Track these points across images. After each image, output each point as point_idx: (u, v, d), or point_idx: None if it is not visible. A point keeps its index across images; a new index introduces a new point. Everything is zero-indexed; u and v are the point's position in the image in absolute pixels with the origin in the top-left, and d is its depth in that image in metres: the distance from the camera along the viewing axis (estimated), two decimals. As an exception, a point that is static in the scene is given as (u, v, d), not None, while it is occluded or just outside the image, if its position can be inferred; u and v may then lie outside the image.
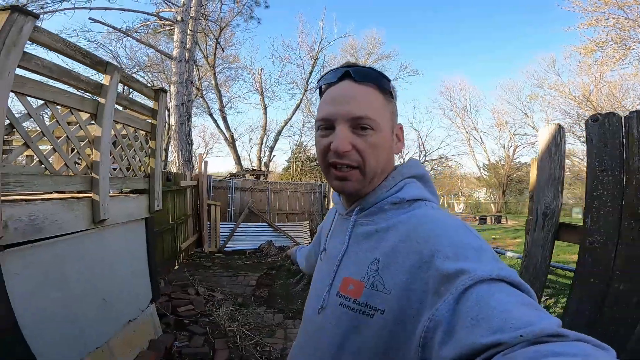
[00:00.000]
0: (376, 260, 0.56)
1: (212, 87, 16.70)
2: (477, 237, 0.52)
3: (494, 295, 0.41)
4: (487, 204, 25.47)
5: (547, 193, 1.55)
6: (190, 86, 8.53)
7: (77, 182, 1.92)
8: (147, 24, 10.02)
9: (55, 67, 1.76)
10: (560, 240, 1.56)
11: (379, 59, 22.10)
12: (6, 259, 1.51)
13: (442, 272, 0.47)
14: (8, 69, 1.42)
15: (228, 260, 6.89)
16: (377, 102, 0.61)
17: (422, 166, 0.70)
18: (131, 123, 2.60)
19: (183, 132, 8.12)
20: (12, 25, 1.43)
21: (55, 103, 1.75)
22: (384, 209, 0.62)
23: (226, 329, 3.40)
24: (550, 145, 1.56)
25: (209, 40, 14.38)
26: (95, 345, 2.14)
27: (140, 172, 2.81)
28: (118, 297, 2.49)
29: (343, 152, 0.59)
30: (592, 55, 11.56)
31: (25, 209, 1.56)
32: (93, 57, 2.11)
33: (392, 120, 0.64)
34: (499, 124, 25.09)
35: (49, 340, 1.76)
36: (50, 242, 1.76)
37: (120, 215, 2.44)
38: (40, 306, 1.73)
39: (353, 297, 0.57)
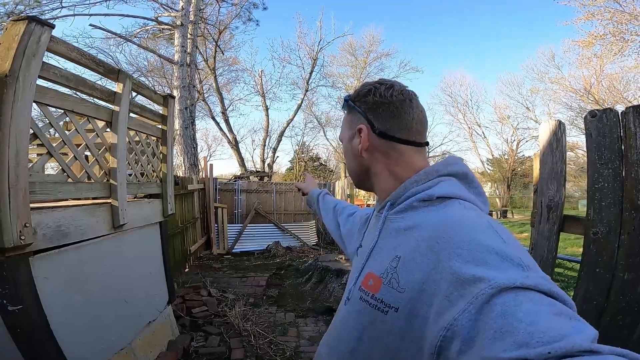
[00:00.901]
0: (397, 258, 0.57)
1: (214, 90, 16.79)
2: (504, 240, 0.49)
3: (522, 306, 0.38)
4: (492, 199, 25.38)
5: (550, 186, 1.60)
6: (192, 90, 8.61)
7: (97, 189, 1.99)
8: (147, 29, 10.08)
9: (72, 77, 1.82)
10: (565, 232, 1.59)
11: (378, 57, 22.10)
12: (36, 264, 1.57)
13: (459, 275, 0.45)
14: (30, 79, 1.46)
15: (237, 261, 6.98)
16: (344, 122, 0.78)
17: (463, 164, 0.67)
18: (143, 129, 2.66)
19: (188, 136, 8.21)
20: (31, 36, 1.47)
21: (74, 112, 1.81)
22: (413, 206, 0.62)
23: (240, 328, 3.47)
24: (551, 140, 1.60)
25: (209, 43, 14.43)
26: (119, 346, 2.21)
27: (153, 177, 2.88)
28: (137, 299, 2.56)
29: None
30: (592, 48, 11.57)
31: (51, 215, 1.63)
32: (106, 65, 2.17)
33: (350, 129, 0.74)
34: (501, 119, 25.00)
35: (77, 342, 1.83)
36: (75, 247, 1.82)
37: (137, 220, 2.50)
38: (68, 308, 1.80)
39: (372, 292, 0.58)
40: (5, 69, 1.36)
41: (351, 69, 22.69)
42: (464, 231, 0.51)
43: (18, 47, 1.40)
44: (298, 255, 7.54)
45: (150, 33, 10.60)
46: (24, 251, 1.48)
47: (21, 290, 1.48)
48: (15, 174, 1.34)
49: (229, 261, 6.96)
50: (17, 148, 1.35)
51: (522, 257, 0.46)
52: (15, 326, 1.48)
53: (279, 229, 8.83)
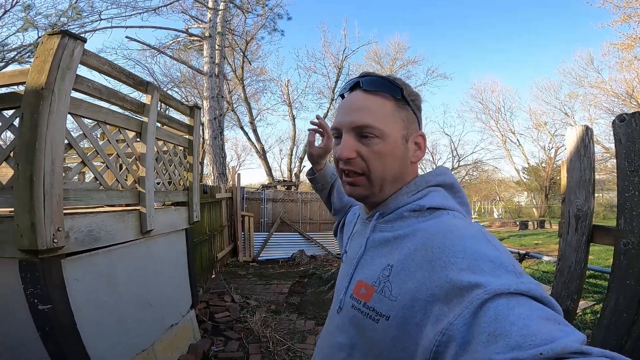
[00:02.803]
0: (389, 266, 0.57)
1: (242, 100, 17.28)
2: (496, 248, 0.50)
3: (514, 310, 0.39)
4: (529, 209, 24.20)
5: (578, 195, 1.51)
6: (221, 100, 8.91)
7: (127, 196, 2.10)
8: (178, 41, 10.58)
9: (104, 89, 1.93)
10: (594, 242, 1.51)
11: (405, 64, 21.87)
12: (67, 266, 1.67)
13: (454, 283, 0.45)
14: (64, 92, 1.56)
15: (262, 268, 7.06)
16: (385, 110, 0.62)
17: (451, 174, 0.67)
18: (170, 139, 2.79)
19: (217, 146, 8.48)
20: (65, 49, 1.56)
21: (106, 123, 1.93)
22: (403, 216, 0.62)
23: (260, 334, 3.50)
24: (579, 146, 1.52)
25: (237, 53, 14.91)
26: (142, 348, 2.28)
27: (180, 185, 2.99)
28: (162, 302, 2.64)
29: (345, 159, 0.61)
30: (632, 50, 10.92)
31: (84, 220, 1.73)
32: (135, 77, 2.30)
33: (405, 127, 0.63)
34: (537, 125, 23.87)
35: (101, 342, 1.90)
36: (105, 251, 1.92)
37: (164, 226, 2.61)
38: (95, 310, 1.88)
39: (363, 300, 0.58)
40: (41, 82, 1.46)
41: (377, 78, 22.57)
42: (457, 240, 0.51)
43: (53, 60, 1.50)
44: (322, 263, 7.52)
45: (182, 44, 11.13)
46: (57, 253, 1.57)
47: (52, 291, 1.57)
48: (50, 181, 1.44)
49: (254, 268, 7.06)
50: (53, 157, 1.46)
51: (514, 264, 0.47)
52: (44, 325, 1.56)
53: (303, 238, 8.87)
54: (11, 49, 8.96)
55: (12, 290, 1.56)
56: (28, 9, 8.66)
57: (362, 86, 0.63)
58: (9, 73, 1.62)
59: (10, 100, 1.55)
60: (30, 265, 1.49)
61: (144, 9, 8.53)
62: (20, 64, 9.04)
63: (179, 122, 3.02)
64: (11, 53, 8.96)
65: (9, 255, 1.51)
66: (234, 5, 10.54)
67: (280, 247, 8.53)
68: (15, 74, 1.60)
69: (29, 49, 8.78)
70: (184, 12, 10.34)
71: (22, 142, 1.41)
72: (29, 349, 1.62)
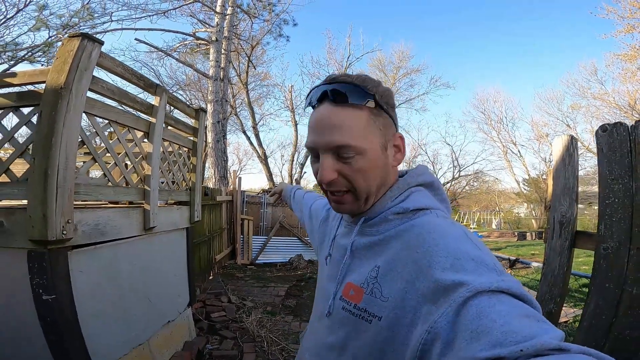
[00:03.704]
0: (376, 268, 0.57)
1: (245, 105, 17.41)
2: (478, 247, 0.51)
3: (495, 307, 0.40)
4: (528, 220, 24.13)
5: (562, 202, 1.59)
6: (225, 104, 9.01)
7: (132, 193, 2.17)
8: (185, 44, 10.71)
9: (116, 90, 2.01)
10: (576, 247, 1.58)
11: (408, 72, 22.02)
12: (73, 258, 1.74)
13: (439, 282, 0.46)
14: (81, 91, 1.64)
15: (259, 271, 7.10)
16: (361, 123, 0.58)
17: (430, 173, 0.68)
18: (176, 140, 2.87)
19: (219, 149, 8.56)
20: (84, 51, 1.64)
21: (117, 122, 2.02)
22: (387, 219, 0.62)
23: (255, 334, 3.55)
24: (564, 156, 1.60)
25: (242, 58, 15.05)
26: (138, 342, 2.33)
27: (182, 185, 3.07)
28: (161, 298, 2.70)
29: (327, 182, 0.60)
30: (635, 61, 11.02)
31: (92, 214, 1.80)
32: (145, 80, 2.39)
33: (382, 135, 0.61)
34: (538, 137, 23.85)
35: (100, 335, 1.94)
36: (109, 245, 1.99)
37: (166, 224, 2.68)
38: (96, 302, 1.94)
39: (353, 302, 0.58)
40: (60, 82, 1.55)
41: (380, 86, 22.72)
42: (441, 239, 0.52)
43: (72, 61, 1.59)
44: (319, 268, 7.54)
45: (189, 48, 11.26)
46: (64, 245, 1.64)
47: (57, 282, 1.62)
48: (63, 175, 1.52)
49: (251, 271, 7.09)
50: (67, 153, 1.54)
51: (495, 262, 0.49)
52: (46, 316, 1.61)
53: (302, 243, 8.92)
54: (22, 48, 9.10)
55: (18, 280, 1.62)
56: (42, 9, 8.82)
57: (331, 98, 0.59)
58: (30, 72, 1.71)
59: (30, 98, 1.63)
60: (38, 256, 1.56)
61: (153, 11, 8.69)
62: (31, 63, 9.18)
63: (184, 123, 3.11)
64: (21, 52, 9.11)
65: (17, 245, 1.58)
66: (241, 10, 10.71)
67: (278, 251, 8.58)
68: (35, 73, 1.69)
69: (40, 48, 8.92)
70: (192, 16, 10.52)
71: (39, 137, 1.50)
72: (30, 339, 1.66)
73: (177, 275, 3.07)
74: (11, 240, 1.57)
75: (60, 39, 8.54)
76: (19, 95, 1.65)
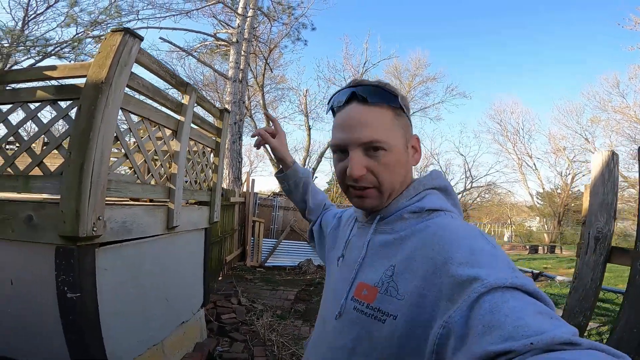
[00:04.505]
0: (392, 267, 0.57)
1: (260, 107, 17.49)
2: (493, 245, 0.52)
3: (508, 303, 0.40)
4: (540, 234, 23.64)
5: (599, 218, 1.59)
6: (242, 106, 9.05)
7: (159, 192, 2.15)
8: (205, 44, 10.83)
9: (151, 87, 1.99)
10: (611, 263, 1.61)
11: (424, 81, 21.94)
12: (100, 255, 1.70)
13: (456, 278, 0.47)
14: (120, 87, 1.62)
15: (268, 274, 7.06)
16: (387, 121, 0.62)
17: (444, 178, 0.70)
18: (201, 140, 2.85)
19: (234, 151, 8.58)
20: (125, 46, 1.62)
21: (149, 120, 1.99)
22: (403, 217, 0.63)
23: (265, 338, 3.51)
24: (603, 171, 1.59)
25: (259, 60, 15.16)
26: (153, 342, 2.29)
27: (205, 185, 3.05)
28: (177, 298, 2.67)
29: (358, 177, 0.61)
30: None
31: (120, 211, 1.77)
32: (177, 78, 2.38)
33: (404, 135, 0.65)
34: (555, 150, 23.43)
35: (118, 334, 1.91)
36: (134, 243, 1.96)
37: (187, 224, 2.65)
38: (118, 301, 1.90)
39: (366, 301, 0.58)
40: (102, 76, 1.53)
41: (395, 93, 22.66)
42: (456, 237, 0.53)
43: (114, 56, 1.56)
44: (329, 274, 7.47)
45: (208, 48, 11.38)
46: (93, 242, 1.61)
47: (83, 279, 1.59)
48: (98, 171, 1.49)
49: (260, 274, 7.06)
50: (102, 148, 1.51)
51: (509, 259, 0.50)
52: (69, 314, 1.57)
53: (311, 247, 8.86)
54: (51, 44, 9.30)
55: (42, 276, 1.59)
56: (74, 5, 9.02)
57: (360, 97, 0.63)
58: (70, 66, 1.70)
59: (69, 92, 1.61)
60: (66, 252, 1.52)
61: (177, 11, 8.80)
62: (60, 59, 9.37)
63: (209, 123, 3.09)
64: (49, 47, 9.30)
65: (46, 240, 1.55)
66: (262, 12, 10.79)
67: (287, 255, 8.53)
68: (76, 67, 1.68)
69: (68, 44, 9.09)
70: (214, 17, 10.63)
71: (77, 131, 1.47)
72: (48, 337, 1.63)
73: (194, 276, 3.04)
74: (40, 235, 1.54)
75: (87, 35, 8.72)
76: (58, 89, 1.64)
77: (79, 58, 9.65)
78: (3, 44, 8.98)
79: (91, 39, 9.29)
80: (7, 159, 1.64)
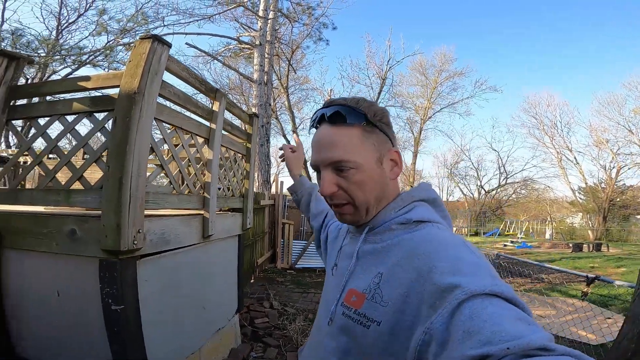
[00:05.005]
0: (379, 274, 0.59)
1: (285, 109, 17.58)
2: (476, 254, 0.54)
3: (487, 309, 0.42)
4: (584, 230, 22.27)
5: None
6: (268, 108, 9.09)
7: (194, 201, 2.13)
8: (229, 48, 10.97)
9: (182, 95, 1.96)
10: None
11: (451, 76, 21.29)
12: (141, 267, 1.69)
13: (438, 285, 0.48)
14: (153, 96, 1.58)
15: (299, 276, 7.04)
16: (354, 140, 0.64)
17: (433, 190, 0.73)
18: (232, 146, 2.82)
19: (263, 153, 8.63)
20: (154, 54, 1.57)
21: (182, 129, 1.97)
22: (391, 228, 0.65)
23: (298, 343, 3.45)
24: None
25: (282, 62, 15.22)
26: (191, 350, 2.28)
27: (237, 192, 3.03)
28: (213, 306, 2.66)
29: (328, 195, 0.65)
30: None
31: (158, 223, 1.75)
32: (207, 84, 2.35)
33: (377, 150, 0.66)
34: (597, 143, 22.06)
35: (158, 344, 1.90)
36: (172, 254, 1.95)
37: (221, 232, 2.62)
38: (157, 311, 1.89)
39: (354, 307, 0.60)
40: (134, 86, 1.50)
41: (421, 89, 22.19)
42: (441, 247, 0.55)
43: (145, 64, 1.53)
44: (360, 276, 7.36)
45: (232, 52, 11.53)
46: (134, 255, 1.60)
47: (126, 291, 1.58)
48: (135, 184, 1.46)
49: (291, 276, 7.05)
50: (139, 161, 1.49)
51: (490, 268, 0.51)
52: (113, 326, 1.57)
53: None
54: (85, 52, 9.73)
55: (87, 289, 1.60)
56: (103, 13, 9.41)
57: (327, 120, 0.66)
58: (103, 76, 1.69)
59: (104, 103, 1.60)
60: (109, 265, 1.52)
61: (200, 16, 8.96)
62: (94, 67, 9.80)
63: (239, 129, 3.07)
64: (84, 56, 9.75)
65: (89, 254, 1.55)
66: (282, 14, 10.80)
67: (317, 256, 8.42)
68: (109, 77, 1.67)
69: (101, 52, 9.48)
70: (235, 20, 10.75)
71: (114, 144, 1.45)
72: (95, 349, 1.64)
73: (228, 282, 3.02)
74: (83, 249, 1.54)
75: (118, 42, 9.06)
76: (93, 100, 1.63)
77: (112, 66, 10.07)
78: (40, 53, 9.46)
79: (122, 46, 9.65)
80: (48, 172, 1.65)
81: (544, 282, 6.94)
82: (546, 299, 5.35)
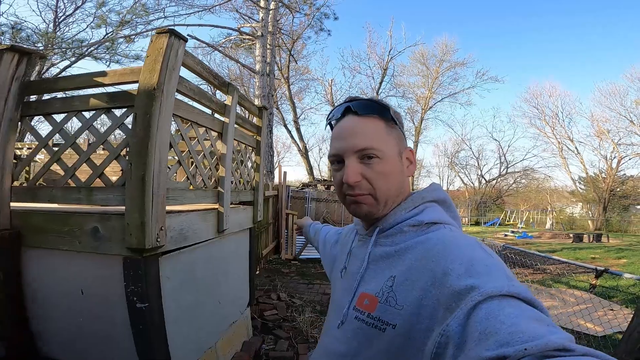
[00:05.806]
0: (392, 278, 0.59)
1: (286, 99, 17.48)
2: (491, 255, 0.53)
3: (504, 310, 0.41)
4: (584, 221, 22.39)
5: None
6: (271, 99, 9.01)
7: (209, 196, 2.12)
8: (230, 39, 10.82)
9: (197, 89, 1.93)
10: None
11: (452, 66, 21.13)
12: (162, 264, 1.69)
13: (454, 288, 0.48)
14: (171, 92, 1.56)
15: (303, 267, 7.08)
16: (380, 131, 0.65)
17: (443, 191, 0.72)
18: (243, 140, 2.80)
19: (266, 144, 8.60)
20: (171, 49, 1.54)
21: (197, 123, 1.95)
22: (403, 230, 0.65)
23: (308, 335, 3.50)
24: None
25: (283, 52, 15.05)
26: (208, 346, 2.30)
27: (248, 185, 3.02)
28: (227, 300, 2.67)
29: (353, 183, 0.63)
30: None
31: (177, 219, 1.74)
32: (220, 78, 2.31)
33: (398, 145, 0.68)
34: (598, 133, 22.06)
35: (179, 340, 1.91)
36: (190, 249, 1.94)
37: (234, 225, 2.62)
38: (177, 308, 1.90)
39: (367, 311, 0.59)
40: (153, 82, 1.47)
41: (422, 79, 22.02)
42: (455, 249, 0.55)
43: (163, 60, 1.49)
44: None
45: (233, 43, 11.38)
46: (156, 252, 1.59)
47: (150, 289, 1.58)
48: (157, 182, 1.45)
49: (296, 267, 7.09)
50: (160, 157, 1.47)
51: (506, 269, 0.51)
52: (138, 323, 1.57)
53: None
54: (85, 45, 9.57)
55: (111, 287, 1.59)
56: (102, 5, 9.22)
57: (354, 110, 0.67)
58: (120, 71, 1.65)
59: (123, 99, 1.58)
60: (134, 263, 1.51)
61: (200, 7, 8.81)
62: (95, 60, 9.64)
63: (250, 122, 3.04)
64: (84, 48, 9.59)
65: (113, 252, 1.54)
66: (283, 4, 10.62)
67: (321, 248, 8.51)
68: (126, 72, 1.63)
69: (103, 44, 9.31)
70: (236, 11, 10.58)
71: (136, 141, 1.43)
72: (120, 347, 1.64)
73: (241, 275, 3.04)
74: (106, 247, 1.53)
75: (118, 35, 8.91)
76: (111, 96, 1.61)
77: (114, 58, 9.93)
78: (38, 47, 9.31)
79: (122, 38, 9.49)
80: (67, 170, 1.64)
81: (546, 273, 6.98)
82: (550, 290, 5.39)
